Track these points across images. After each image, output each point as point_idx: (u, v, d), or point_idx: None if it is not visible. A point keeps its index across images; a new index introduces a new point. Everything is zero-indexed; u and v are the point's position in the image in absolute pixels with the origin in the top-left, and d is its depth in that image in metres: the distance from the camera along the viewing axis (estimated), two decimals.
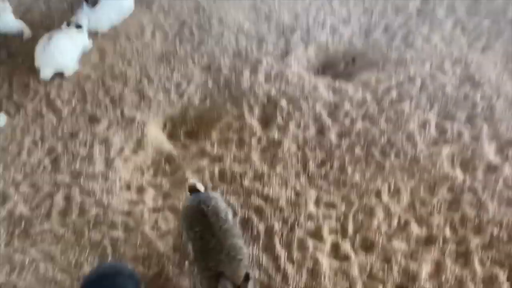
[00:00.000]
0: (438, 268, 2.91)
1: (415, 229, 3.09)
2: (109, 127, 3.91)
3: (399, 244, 3.03)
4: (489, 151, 3.49)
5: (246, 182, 3.47)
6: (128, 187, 3.51)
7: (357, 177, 3.41)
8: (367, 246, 3.05)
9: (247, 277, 2.40)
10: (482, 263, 2.89)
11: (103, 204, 3.34)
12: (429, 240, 3.04)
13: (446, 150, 3.52)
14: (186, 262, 2.93)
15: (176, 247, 3.09)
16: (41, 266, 2.99)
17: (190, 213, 2.77)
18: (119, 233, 3.17)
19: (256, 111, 3.97)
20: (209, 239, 2.57)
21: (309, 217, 3.21)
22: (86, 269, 2.96)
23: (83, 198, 3.38)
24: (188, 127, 4.04)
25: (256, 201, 3.34)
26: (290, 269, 2.94)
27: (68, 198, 3.38)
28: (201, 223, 2.64)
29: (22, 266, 2.99)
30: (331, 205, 3.27)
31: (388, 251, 3.00)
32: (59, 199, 3.37)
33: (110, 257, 3.02)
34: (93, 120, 3.99)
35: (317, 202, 3.30)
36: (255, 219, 3.23)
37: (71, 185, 3.47)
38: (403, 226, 3.12)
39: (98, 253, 3.06)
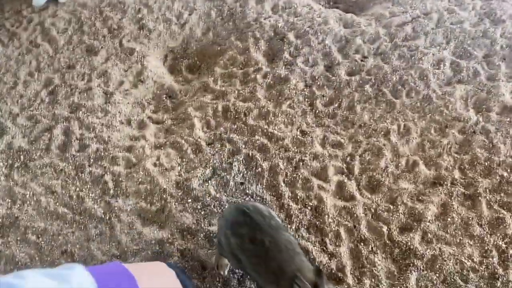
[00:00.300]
0: (444, 210, 2.87)
1: (423, 171, 3.02)
2: (107, 59, 3.73)
3: (405, 185, 2.97)
4: (505, 92, 3.33)
5: (250, 120, 3.36)
6: (129, 122, 3.40)
7: (366, 116, 3.29)
8: (373, 187, 3.00)
9: (319, 272, 2.08)
10: (489, 205, 2.84)
11: (103, 139, 3.25)
12: (436, 182, 2.97)
13: (460, 90, 3.36)
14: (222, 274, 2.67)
15: (179, 184, 3.04)
16: (42, 200, 2.97)
17: (231, 218, 2.35)
18: (120, 169, 3.12)
19: (262, 45, 3.77)
20: (261, 239, 2.21)
21: (315, 156, 3.13)
22: (88, 203, 2.93)
23: (82, 132, 3.28)
24: (190, 61, 3.86)
25: (261, 139, 3.24)
26: (294, 207, 2.91)
27: (67, 132, 3.28)
28: (246, 225, 2.26)
29: (23, 200, 2.96)
30: (337, 145, 3.18)
31: (394, 192, 2.95)
32: (58, 132, 3.27)
33: (112, 191, 2.98)
34: (91, 51, 3.80)
35: (324, 142, 3.21)
36: (259, 157, 3.16)
37: (70, 118, 3.36)
38: (411, 167, 3.05)
39: (99, 188, 3.02)
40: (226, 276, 2.62)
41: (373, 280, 2.63)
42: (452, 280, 2.61)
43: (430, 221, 2.82)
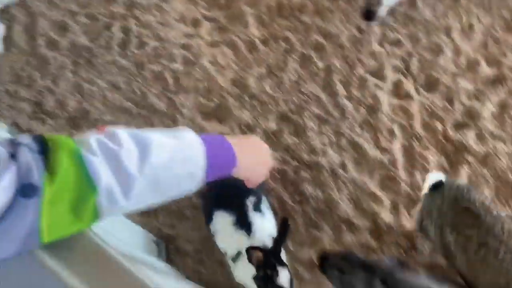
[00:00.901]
0: (502, 109, 2.86)
1: (484, 69, 2.96)
2: None
3: (464, 84, 2.94)
4: None
5: (305, 17, 3.30)
6: (183, 20, 3.42)
7: (427, 12, 3.16)
8: (430, 85, 2.98)
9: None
10: None
11: (160, 37, 3.31)
12: (497, 81, 2.93)
13: None
14: None
15: (235, 82, 3.13)
16: (109, 95, 3.14)
17: (450, 212, 1.95)
18: (178, 66, 3.21)
19: None
20: (495, 245, 1.76)
21: (372, 55, 3.10)
22: (151, 99, 3.09)
23: (140, 30, 3.34)
24: None
25: (316, 37, 3.21)
26: (349, 106, 2.97)
27: (125, 30, 3.35)
28: (473, 224, 1.86)
29: (91, 95, 3.15)
30: (396, 43, 3.12)
31: (452, 90, 2.93)
32: (116, 30, 3.34)
33: (173, 87, 3.11)
34: None
35: (381, 40, 3.14)
36: (314, 56, 3.16)
37: (127, 16, 3.40)
38: (472, 66, 2.98)
39: (160, 84, 3.15)
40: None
41: (424, 174, 2.74)
42: (505, 176, 2.69)
43: (487, 119, 2.83)
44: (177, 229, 2.71)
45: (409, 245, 2.54)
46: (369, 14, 2.72)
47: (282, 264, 1.98)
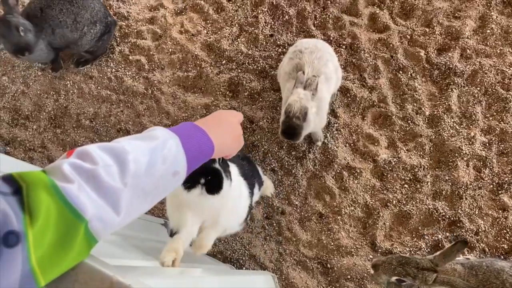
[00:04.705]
0: (482, 23, 2.80)
1: None
2: None
3: (440, 4, 2.86)
4: None
5: None
6: None
7: None
8: (407, 12, 2.90)
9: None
10: None
11: (123, 15, 3.17)
12: None
13: None
14: None
15: (209, 48, 3.03)
16: (84, 86, 3.04)
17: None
18: (148, 43, 3.09)
19: None
20: None
21: None
22: (128, 82, 3.00)
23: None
24: None
25: None
26: None
27: None
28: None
29: (66, 90, 3.05)
30: None
31: (429, 13, 2.86)
32: None
33: (147, 66, 3.02)
34: None
35: None
36: (284, 4, 3.04)
37: None
38: None
39: (133, 65, 3.05)
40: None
41: (415, 104, 2.72)
42: (494, 90, 2.68)
43: (469, 37, 2.78)
44: None
45: (412, 178, 2.57)
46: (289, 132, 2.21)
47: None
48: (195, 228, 1.64)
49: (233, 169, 1.77)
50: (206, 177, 1.51)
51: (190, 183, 1.51)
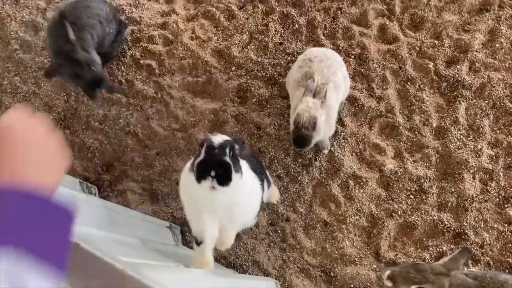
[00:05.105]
0: (492, 36, 2.82)
1: None
2: None
3: (450, 17, 2.88)
4: None
5: None
6: None
7: None
8: (416, 24, 2.93)
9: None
10: None
11: (135, 20, 3.21)
12: (483, 8, 2.87)
13: None
14: None
15: (219, 54, 3.06)
16: None
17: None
18: (160, 48, 3.13)
19: None
20: None
21: (353, 2, 3.02)
22: (138, 86, 3.03)
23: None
24: None
25: None
26: None
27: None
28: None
29: (77, 91, 3.09)
30: None
31: (439, 26, 2.88)
32: None
33: (157, 71, 3.05)
34: None
35: None
36: (294, 13, 3.08)
37: None
38: None
39: (144, 69, 3.08)
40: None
41: (422, 115, 2.73)
42: (502, 104, 2.68)
43: (478, 50, 2.80)
44: None
45: (417, 189, 2.57)
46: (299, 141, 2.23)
47: None
48: (215, 229, 1.72)
49: (244, 163, 1.81)
50: (217, 170, 1.54)
51: (200, 176, 1.54)
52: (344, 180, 2.64)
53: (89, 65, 2.52)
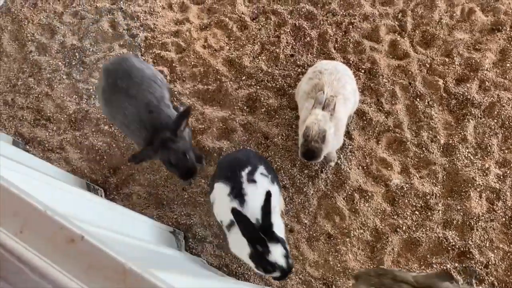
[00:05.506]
0: (503, 56, 2.82)
1: (480, 18, 2.90)
2: None
3: (461, 35, 2.89)
4: None
5: None
6: (170, 7, 3.36)
7: None
8: (427, 41, 2.94)
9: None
10: None
11: (149, 27, 3.27)
12: (495, 28, 2.87)
13: None
14: None
15: (230, 63, 3.10)
16: None
17: None
18: (172, 55, 3.18)
19: None
20: None
21: (365, 17, 3.05)
22: None
23: (128, 22, 3.29)
24: None
25: (306, 6, 3.15)
26: None
27: (113, 24, 3.31)
28: None
29: (88, 94, 3.14)
30: (388, 2, 3.06)
31: (450, 44, 2.89)
32: (105, 26, 3.30)
33: (169, 77, 3.09)
34: None
35: (373, 1, 3.09)
36: (306, 26, 3.11)
37: (113, 10, 3.35)
38: (467, 16, 2.93)
39: None
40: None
41: (430, 132, 2.73)
42: (511, 123, 2.67)
43: (488, 69, 2.80)
44: (192, 217, 2.74)
45: (423, 205, 2.56)
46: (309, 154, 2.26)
47: (274, 240, 1.90)
48: None
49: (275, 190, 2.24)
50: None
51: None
52: (349, 193, 2.64)
53: (185, 154, 2.34)
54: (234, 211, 1.88)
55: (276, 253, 1.86)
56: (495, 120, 2.69)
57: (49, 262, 0.76)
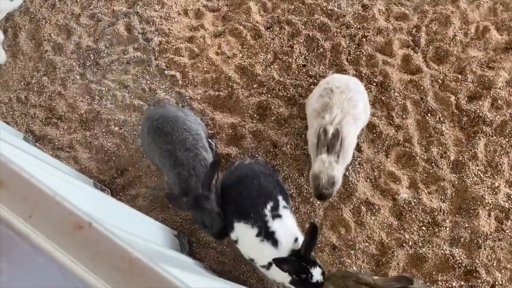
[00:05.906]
0: None
1: (494, 36, 2.90)
2: None
3: (475, 53, 2.89)
4: None
5: None
6: (186, 13, 3.40)
7: None
8: (440, 58, 2.94)
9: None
10: None
11: (164, 32, 3.30)
12: (509, 47, 2.87)
13: None
14: None
15: (242, 71, 3.12)
16: (118, 94, 3.15)
17: None
18: (185, 60, 3.20)
19: None
20: None
21: (378, 31, 3.06)
22: (160, 94, 3.09)
23: (143, 26, 3.33)
24: None
25: (320, 18, 3.17)
26: None
27: (129, 27, 3.35)
28: None
29: (101, 95, 3.16)
30: (402, 17, 3.07)
31: (463, 61, 2.88)
32: (121, 29, 3.34)
33: (181, 82, 3.11)
34: None
35: (387, 15, 3.10)
36: (320, 37, 3.13)
37: (129, 14, 3.40)
38: (481, 34, 2.93)
39: (168, 80, 3.15)
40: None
41: (440, 148, 2.71)
42: None
43: (501, 88, 2.79)
44: None
45: (430, 221, 2.53)
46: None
47: (313, 264, 2.08)
48: None
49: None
50: None
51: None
52: (356, 205, 2.62)
53: (219, 214, 2.27)
54: (275, 261, 2.03)
55: (317, 274, 2.07)
56: (507, 139, 2.67)
57: (57, 247, 0.76)
